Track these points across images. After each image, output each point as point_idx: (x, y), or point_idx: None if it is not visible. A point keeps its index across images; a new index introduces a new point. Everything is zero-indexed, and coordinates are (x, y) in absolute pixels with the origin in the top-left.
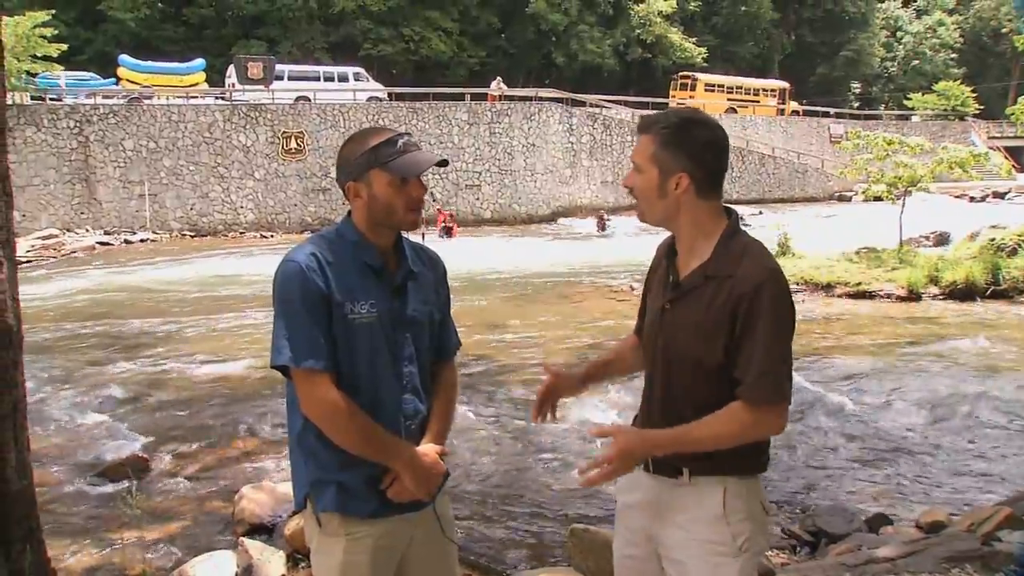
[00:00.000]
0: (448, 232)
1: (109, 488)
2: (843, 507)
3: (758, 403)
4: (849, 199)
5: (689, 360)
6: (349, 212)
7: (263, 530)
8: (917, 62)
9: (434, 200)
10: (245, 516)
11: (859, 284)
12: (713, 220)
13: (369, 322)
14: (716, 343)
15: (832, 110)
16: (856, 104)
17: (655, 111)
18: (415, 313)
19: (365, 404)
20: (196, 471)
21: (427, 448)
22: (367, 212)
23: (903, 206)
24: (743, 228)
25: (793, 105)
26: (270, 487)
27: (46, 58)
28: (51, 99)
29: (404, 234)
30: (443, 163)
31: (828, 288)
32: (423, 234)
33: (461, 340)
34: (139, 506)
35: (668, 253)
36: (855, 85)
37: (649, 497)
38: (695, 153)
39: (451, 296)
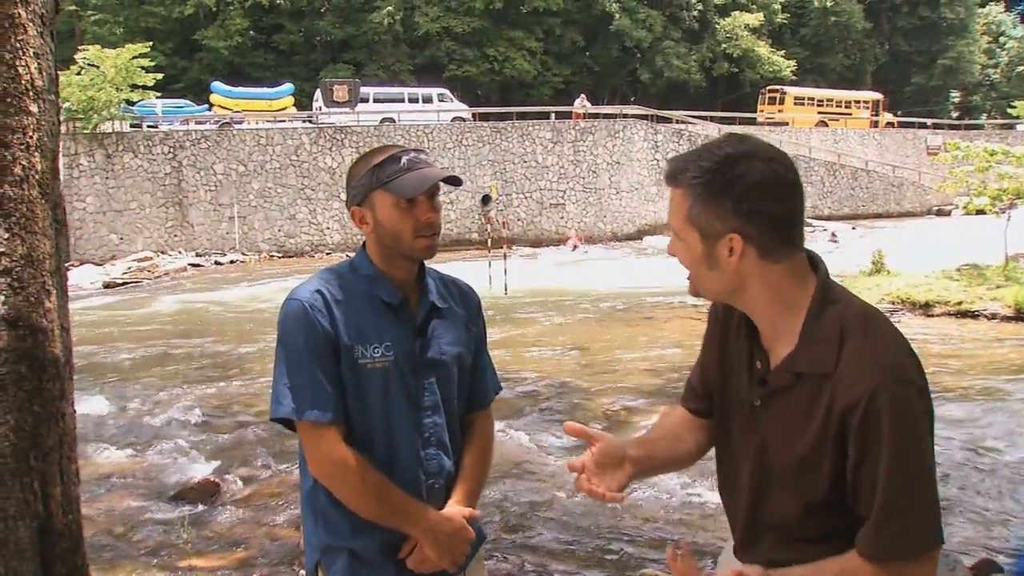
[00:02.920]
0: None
1: (178, 512)
2: (945, 552)
3: (882, 559)
4: (948, 213)
5: (788, 473)
6: (364, 244)
7: None
8: (1022, 68)
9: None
10: None
11: (960, 303)
12: (795, 285)
13: (383, 367)
14: (819, 470)
15: (929, 121)
16: (955, 114)
17: (691, 151)
18: (440, 355)
19: (380, 461)
20: (266, 497)
21: (453, 511)
22: (376, 240)
23: (1008, 220)
24: (834, 283)
25: (887, 117)
26: None
27: (144, 87)
28: (148, 126)
29: (428, 264)
30: (454, 180)
31: (926, 307)
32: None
33: (507, 380)
34: (205, 532)
35: (746, 324)
36: (954, 94)
37: None
38: (744, 202)
39: (529, 315)
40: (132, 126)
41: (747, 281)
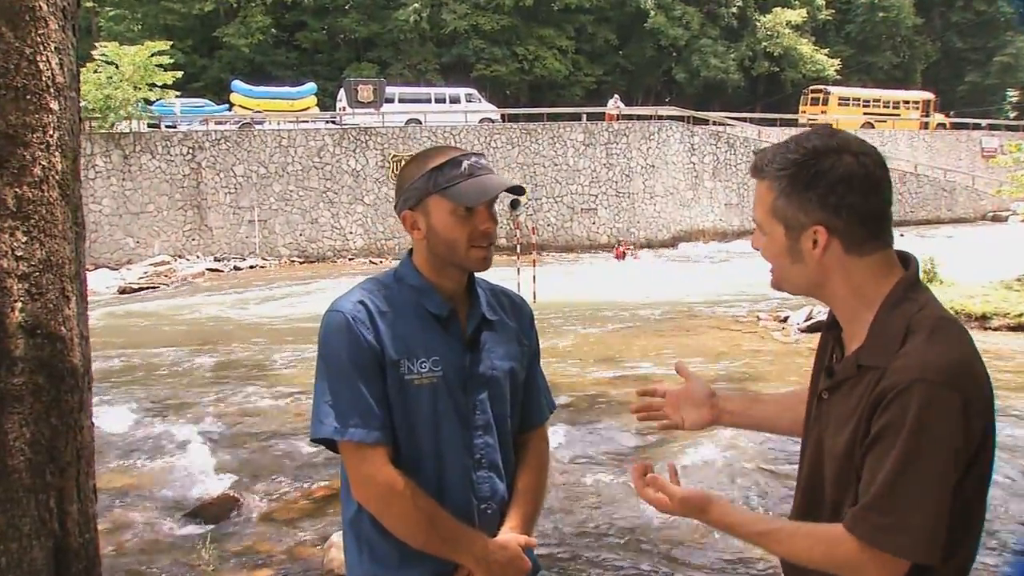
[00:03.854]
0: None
1: (196, 529)
2: None
3: (861, 539)
4: (1005, 219)
5: (835, 468)
6: (410, 251)
7: None
8: None
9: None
10: (334, 567)
11: (1021, 315)
12: (876, 281)
13: (432, 383)
14: (855, 459)
15: (984, 122)
16: (1012, 115)
17: (772, 144)
18: (491, 371)
19: (428, 484)
20: (288, 513)
21: (507, 539)
22: (427, 247)
23: None
24: (921, 285)
25: (938, 118)
26: None
27: (163, 85)
28: (166, 126)
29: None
30: (517, 190)
31: (983, 319)
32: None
33: (558, 395)
34: (226, 550)
35: (833, 319)
36: (1012, 93)
37: None
38: (831, 195)
39: (559, 325)
40: (150, 126)
41: (830, 275)
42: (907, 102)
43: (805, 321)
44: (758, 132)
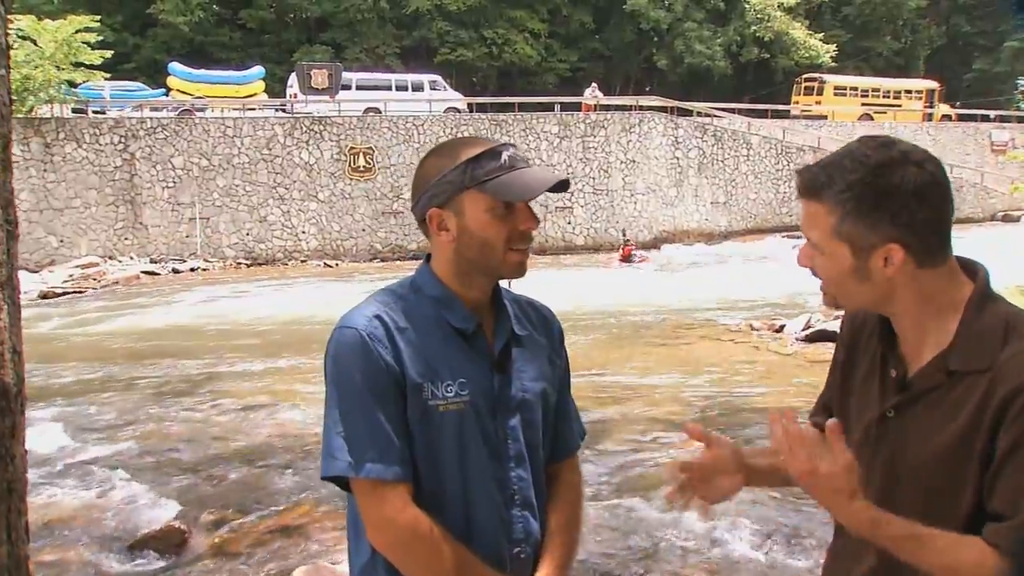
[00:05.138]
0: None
1: (139, 566)
2: None
3: (1016, 558)
4: (1017, 219)
5: (922, 487)
6: (427, 257)
7: None
8: None
9: None
10: None
11: None
12: (948, 288)
13: (458, 409)
14: (965, 469)
15: (993, 113)
16: None
17: (819, 160)
18: (523, 393)
19: (455, 525)
20: (242, 545)
21: None
22: (455, 251)
23: None
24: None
25: (943, 108)
26: (329, 569)
27: (90, 66)
28: (94, 112)
29: (505, 284)
30: (564, 185)
31: None
32: None
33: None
34: None
35: (879, 333)
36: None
37: None
38: (903, 212)
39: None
40: (75, 111)
41: (899, 289)
42: (909, 91)
43: (803, 330)
44: (747, 124)
